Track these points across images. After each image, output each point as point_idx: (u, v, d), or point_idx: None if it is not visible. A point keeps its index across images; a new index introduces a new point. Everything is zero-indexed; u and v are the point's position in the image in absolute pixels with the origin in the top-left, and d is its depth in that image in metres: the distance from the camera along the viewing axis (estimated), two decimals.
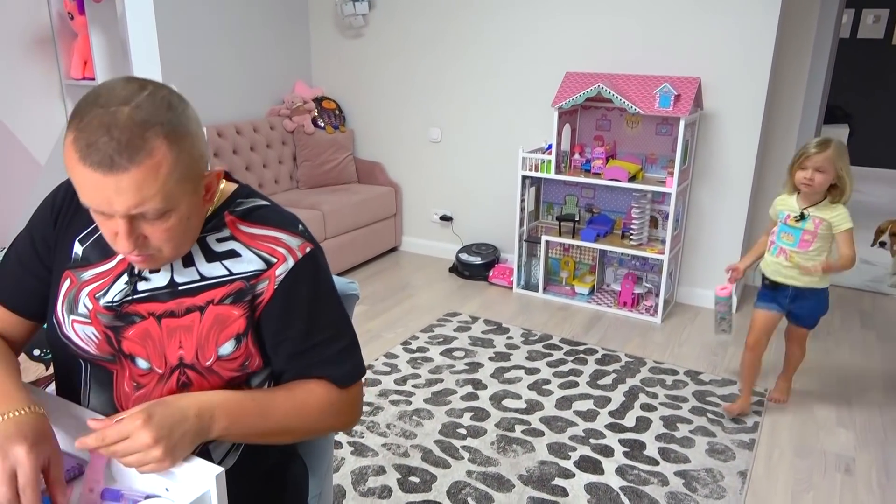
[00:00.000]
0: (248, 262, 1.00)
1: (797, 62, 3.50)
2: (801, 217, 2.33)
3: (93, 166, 0.81)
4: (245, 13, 3.98)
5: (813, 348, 3.17)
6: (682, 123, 3.14)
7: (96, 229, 1.03)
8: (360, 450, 2.31)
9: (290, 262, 1.00)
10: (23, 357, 2.05)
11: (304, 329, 1.02)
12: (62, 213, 1.04)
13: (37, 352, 2.05)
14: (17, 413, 0.87)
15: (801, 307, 2.46)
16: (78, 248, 1.03)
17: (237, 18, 3.93)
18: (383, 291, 3.82)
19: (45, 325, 1.09)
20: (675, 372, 2.91)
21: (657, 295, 3.50)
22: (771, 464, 2.30)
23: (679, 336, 3.30)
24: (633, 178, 3.38)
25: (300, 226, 1.05)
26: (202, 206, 0.96)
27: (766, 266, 2.49)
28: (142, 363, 0.99)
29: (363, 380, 1.09)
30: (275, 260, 1.00)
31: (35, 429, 0.87)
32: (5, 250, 1.11)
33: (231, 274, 1.00)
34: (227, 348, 0.99)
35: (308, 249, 1.02)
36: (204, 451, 1.03)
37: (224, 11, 3.84)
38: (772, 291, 2.50)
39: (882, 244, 3.58)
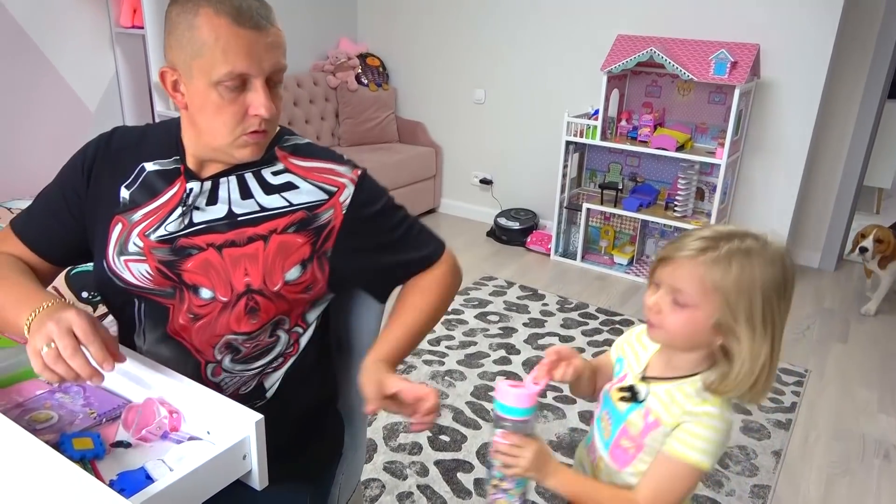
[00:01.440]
0: (307, 194, 1.06)
1: (864, 31, 3.31)
2: (631, 394, 1.01)
3: (247, 27, 0.92)
4: None
5: (861, 331, 3.08)
6: (737, 92, 3.02)
7: (139, 174, 1.07)
8: None
9: (351, 188, 1.07)
10: (72, 298, 2.12)
11: (384, 241, 1.10)
12: (96, 167, 1.08)
13: (85, 294, 2.12)
14: (47, 304, 0.93)
15: None
16: (125, 193, 1.06)
17: None
18: None
19: (71, 270, 1.13)
20: None
21: None
22: (807, 445, 2.26)
23: None
24: (681, 148, 3.29)
25: (344, 156, 1.13)
26: None
27: (578, 459, 1.16)
28: (205, 293, 1.02)
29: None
30: (335, 189, 1.07)
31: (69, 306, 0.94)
32: (35, 198, 1.15)
33: (291, 205, 1.05)
34: (293, 274, 1.04)
35: (359, 172, 1.10)
36: (258, 385, 1.09)
37: None
38: None
39: (863, 250, 3.13)
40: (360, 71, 4.23)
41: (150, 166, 1.07)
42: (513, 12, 3.89)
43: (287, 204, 1.04)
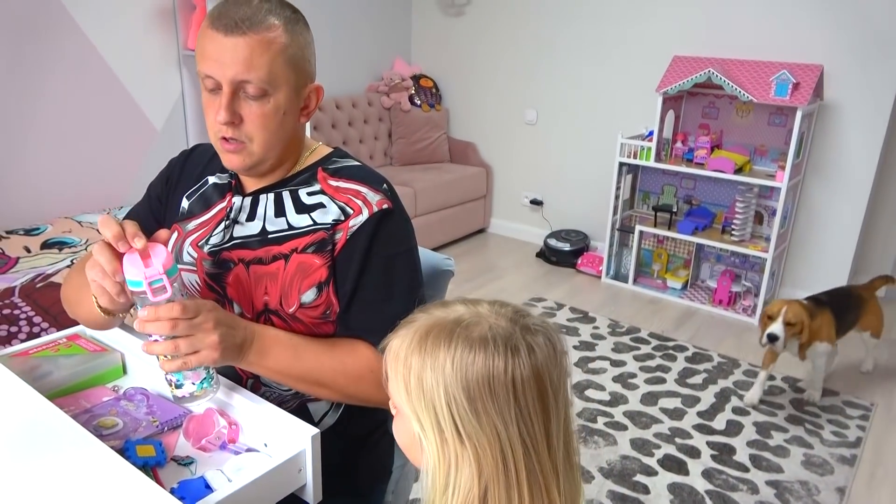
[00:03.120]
0: (331, 214, 1.02)
1: None
2: None
3: (217, 28, 0.92)
4: None
5: None
6: (798, 114, 2.94)
7: (202, 185, 1.12)
8: None
9: (365, 215, 1.01)
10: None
11: (357, 284, 1.00)
12: (173, 174, 1.15)
13: None
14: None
15: None
16: (185, 203, 1.12)
17: None
18: (469, 272, 3.82)
19: None
20: (771, 377, 2.75)
21: (756, 295, 3.32)
22: (873, 483, 2.14)
23: None
24: (739, 171, 3.21)
25: (385, 185, 1.05)
26: (298, 115, 1.02)
27: None
28: (237, 308, 1.06)
29: None
30: (351, 211, 1.01)
31: None
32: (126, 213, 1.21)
33: (315, 224, 1.02)
34: (309, 296, 1.02)
35: (385, 206, 1.01)
36: (303, 408, 1.08)
37: None
38: None
39: (773, 339, 2.31)
40: (413, 92, 4.30)
41: (212, 179, 1.12)
42: (566, 33, 3.89)
43: (311, 223, 1.02)
